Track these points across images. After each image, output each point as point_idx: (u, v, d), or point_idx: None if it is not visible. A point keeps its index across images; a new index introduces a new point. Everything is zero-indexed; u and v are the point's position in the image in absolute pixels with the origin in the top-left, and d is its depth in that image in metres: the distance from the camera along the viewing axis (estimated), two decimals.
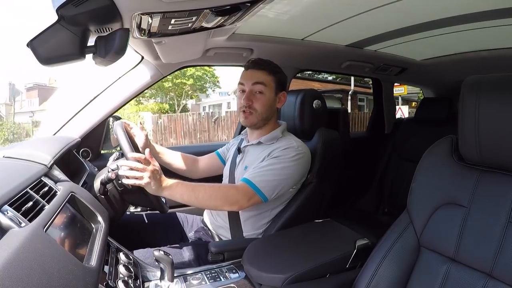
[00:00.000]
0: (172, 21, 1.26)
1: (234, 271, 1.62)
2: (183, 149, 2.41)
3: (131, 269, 1.38)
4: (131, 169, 1.51)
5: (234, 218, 1.85)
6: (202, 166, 2.26)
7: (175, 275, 1.47)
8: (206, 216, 2.10)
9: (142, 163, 1.52)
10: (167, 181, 1.58)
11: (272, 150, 1.79)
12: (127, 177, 1.52)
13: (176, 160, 2.16)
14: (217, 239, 1.96)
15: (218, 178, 2.18)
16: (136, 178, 1.51)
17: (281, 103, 1.92)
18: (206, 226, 2.06)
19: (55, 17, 1.01)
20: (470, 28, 2.07)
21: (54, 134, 2.10)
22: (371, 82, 3.95)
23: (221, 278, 1.57)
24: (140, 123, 1.92)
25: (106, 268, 1.27)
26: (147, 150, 1.62)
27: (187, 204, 1.62)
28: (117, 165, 1.60)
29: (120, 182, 1.61)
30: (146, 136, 1.94)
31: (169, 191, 1.57)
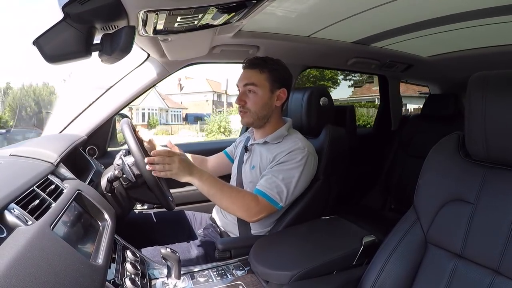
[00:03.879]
0: (178, 19, 1.26)
1: (241, 268, 1.62)
2: (189, 146, 2.42)
3: (138, 267, 1.38)
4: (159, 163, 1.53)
5: None
6: (211, 166, 2.27)
7: (182, 272, 1.47)
8: (215, 213, 2.10)
9: (167, 155, 1.54)
10: (199, 170, 1.60)
11: (277, 153, 1.78)
12: (132, 170, 1.54)
13: None
14: (225, 236, 1.96)
15: (227, 177, 2.18)
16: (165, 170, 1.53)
17: (280, 101, 1.88)
18: (215, 223, 2.07)
19: (61, 15, 1.01)
20: (477, 24, 2.06)
21: (61, 132, 2.10)
22: None
23: (228, 275, 1.57)
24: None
25: (113, 266, 1.28)
26: (168, 142, 1.69)
27: (208, 198, 1.63)
28: (122, 160, 1.60)
29: (125, 176, 1.62)
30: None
31: (200, 181, 1.59)
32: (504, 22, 1.97)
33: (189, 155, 2.16)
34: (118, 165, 1.62)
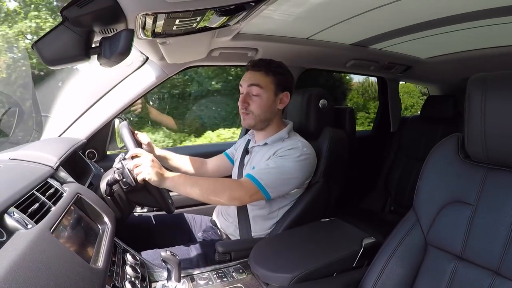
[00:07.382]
0: (177, 22, 1.26)
1: (241, 270, 1.62)
2: (190, 149, 2.41)
3: (138, 270, 1.38)
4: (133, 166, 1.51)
5: (243, 218, 1.85)
6: (211, 167, 2.26)
7: (182, 275, 1.47)
8: (216, 216, 2.10)
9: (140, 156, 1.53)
10: (169, 173, 1.57)
11: (278, 149, 1.78)
12: (132, 174, 1.52)
13: (183, 164, 2.15)
14: (226, 239, 1.96)
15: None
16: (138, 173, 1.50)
17: (283, 104, 1.88)
18: (215, 226, 2.06)
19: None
20: (475, 26, 2.06)
21: (60, 136, 2.10)
22: None
23: (228, 278, 1.57)
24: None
25: (113, 269, 1.27)
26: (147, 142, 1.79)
27: (190, 197, 1.59)
28: (122, 164, 1.60)
29: (125, 180, 1.61)
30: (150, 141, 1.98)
31: (172, 182, 1.55)
32: (503, 23, 1.97)
33: (186, 158, 2.17)
34: (118, 169, 1.61)
